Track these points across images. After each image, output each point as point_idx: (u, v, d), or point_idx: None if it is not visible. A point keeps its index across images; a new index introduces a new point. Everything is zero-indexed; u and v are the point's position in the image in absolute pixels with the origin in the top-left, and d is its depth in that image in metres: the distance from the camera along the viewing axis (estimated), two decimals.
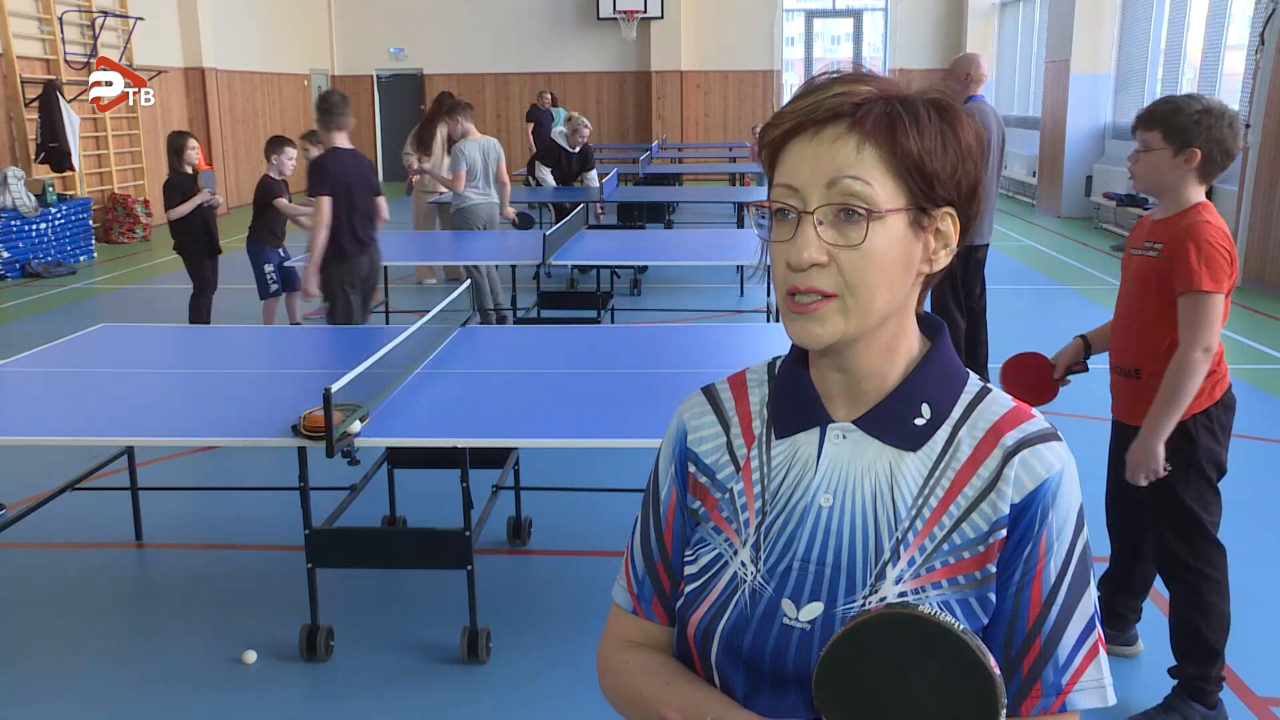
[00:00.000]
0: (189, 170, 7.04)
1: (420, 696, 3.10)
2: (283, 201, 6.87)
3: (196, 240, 7.13)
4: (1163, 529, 2.85)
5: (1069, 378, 3.02)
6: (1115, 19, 13.58)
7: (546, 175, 10.23)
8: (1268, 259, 8.93)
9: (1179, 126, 2.64)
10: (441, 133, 8.90)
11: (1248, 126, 9.33)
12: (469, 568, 3.20)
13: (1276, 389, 6.01)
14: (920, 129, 0.97)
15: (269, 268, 6.83)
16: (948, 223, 1.01)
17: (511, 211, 7.97)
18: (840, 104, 0.97)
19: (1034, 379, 3.00)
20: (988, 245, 5.79)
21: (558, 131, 10.40)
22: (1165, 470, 2.76)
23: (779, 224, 0.99)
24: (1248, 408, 5.76)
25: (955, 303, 5.65)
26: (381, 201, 5.54)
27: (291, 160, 6.94)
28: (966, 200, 1.01)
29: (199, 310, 7.24)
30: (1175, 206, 2.72)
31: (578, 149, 10.27)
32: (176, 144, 7.10)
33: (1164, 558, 2.87)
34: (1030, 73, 16.91)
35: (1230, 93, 10.81)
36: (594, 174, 10.40)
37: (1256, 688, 3.07)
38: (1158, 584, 3.07)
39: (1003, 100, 18.57)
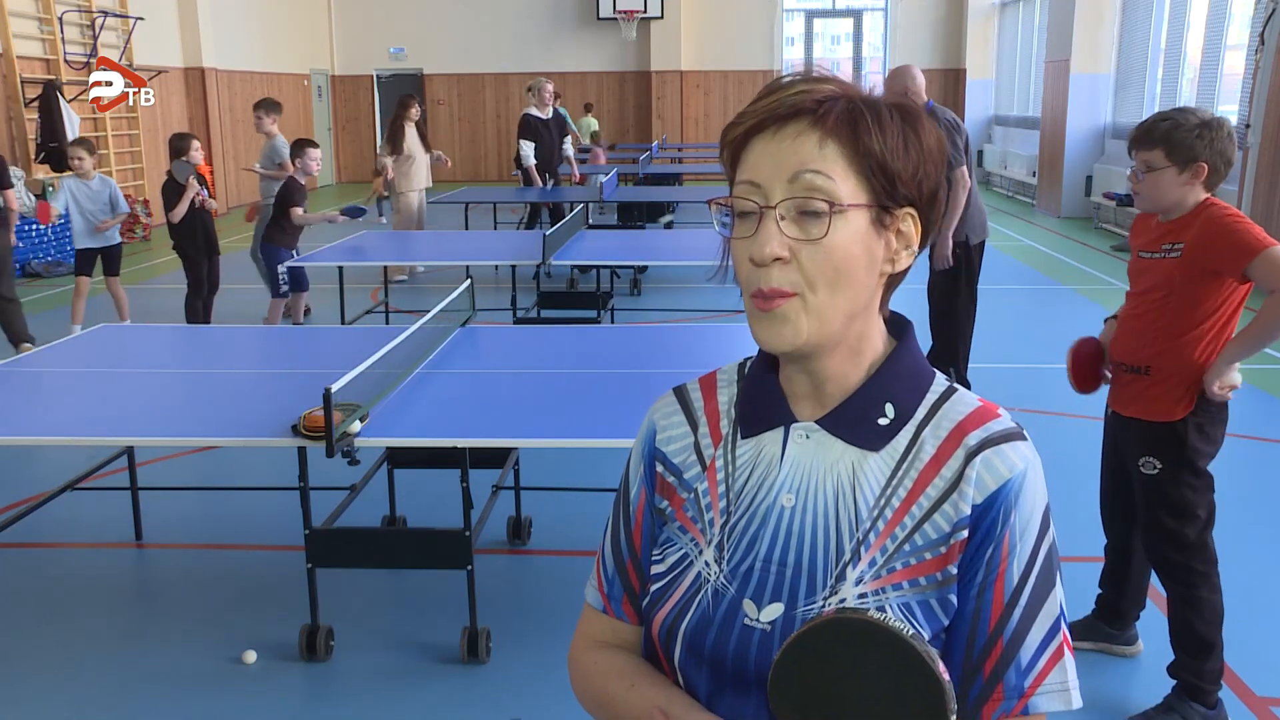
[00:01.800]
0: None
1: (420, 696, 3.10)
2: (298, 212, 6.90)
3: (195, 241, 7.14)
4: (1153, 525, 2.86)
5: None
6: (1115, 19, 13.58)
7: (529, 150, 10.28)
8: None
9: (1181, 143, 2.63)
10: (410, 130, 9.60)
11: (1248, 127, 9.33)
12: (469, 568, 3.20)
13: (1276, 389, 6.01)
14: (883, 128, 0.97)
15: (281, 268, 6.80)
16: (909, 223, 1.01)
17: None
18: (802, 101, 0.97)
19: (1090, 368, 3.02)
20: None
21: (531, 111, 10.54)
22: (1154, 468, 2.78)
23: (741, 222, 1.00)
24: (1248, 408, 5.77)
25: (970, 301, 5.60)
26: (9, 194, 6.74)
27: (316, 161, 7.00)
28: (928, 202, 1.01)
29: (194, 310, 7.25)
30: (1182, 210, 2.73)
31: (551, 113, 10.44)
32: (178, 145, 7.11)
33: (1155, 554, 2.89)
34: (1030, 73, 16.91)
35: (1230, 93, 10.81)
36: (568, 142, 10.83)
37: (1256, 688, 3.07)
38: (1157, 584, 3.07)
39: (1003, 100, 18.59)
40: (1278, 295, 2.62)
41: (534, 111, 10.25)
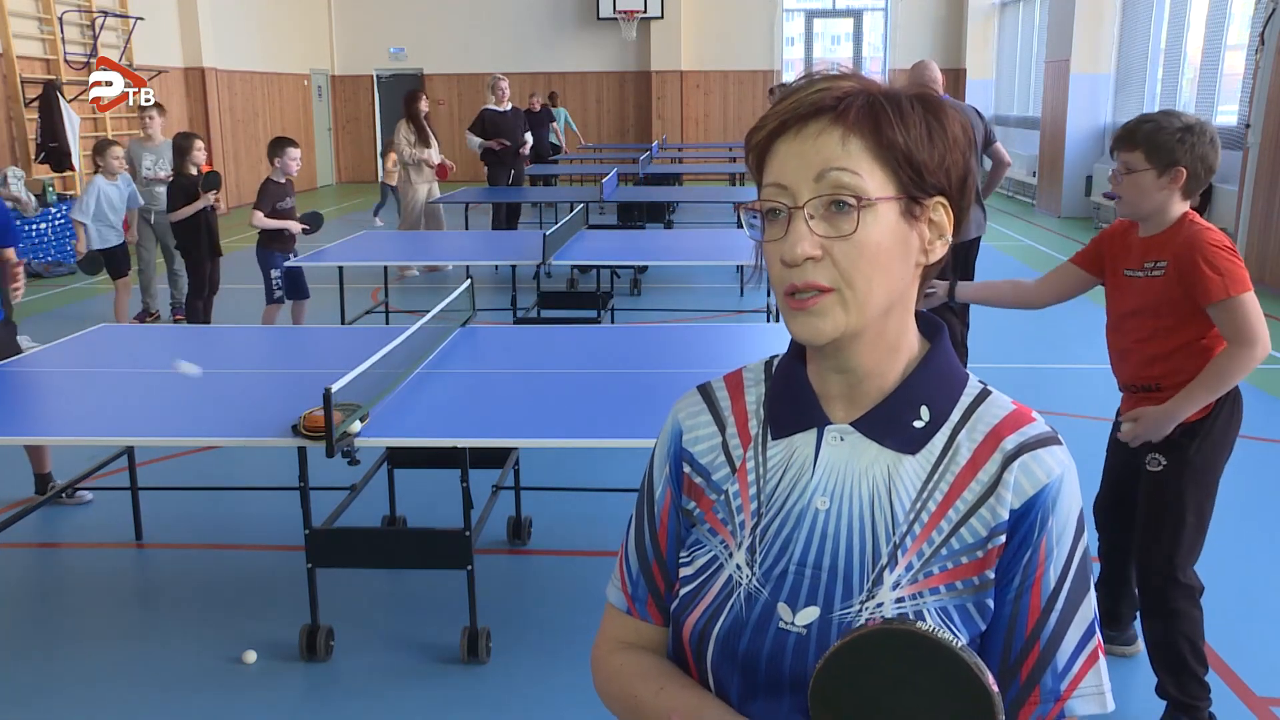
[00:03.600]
0: (194, 171, 7.04)
1: (420, 696, 3.10)
2: (259, 216, 6.66)
3: (199, 241, 7.12)
4: (1145, 528, 2.81)
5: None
6: (1115, 19, 13.58)
7: (473, 140, 10.62)
8: (1268, 259, 8.92)
9: (1162, 146, 2.57)
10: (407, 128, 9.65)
11: (1248, 127, 9.33)
12: (469, 568, 3.20)
13: (1276, 389, 6.01)
14: (905, 120, 0.97)
15: (275, 273, 6.68)
16: (940, 212, 1.00)
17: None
18: (822, 99, 0.97)
19: None
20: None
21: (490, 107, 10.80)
22: (1159, 465, 2.74)
23: (771, 224, 0.99)
24: (1248, 408, 5.74)
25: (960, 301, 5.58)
26: None
27: (295, 161, 6.79)
28: (958, 189, 1.01)
29: (195, 310, 7.23)
30: (1161, 224, 2.67)
31: (509, 106, 10.70)
32: (182, 145, 7.10)
33: (1138, 560, 2.85)
34: (1030, 73, 16.91)
35: (1230, 93, 10.81)
36: (528, 135, 11.10)
37: (1256, 688, 3.07)
38: None
39: (1003, 100, 18.59)
40: (1230, 351, 2.57)
41: (491, 106, 10.65)
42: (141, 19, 13.47)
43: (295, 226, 6.87)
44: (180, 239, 7.20)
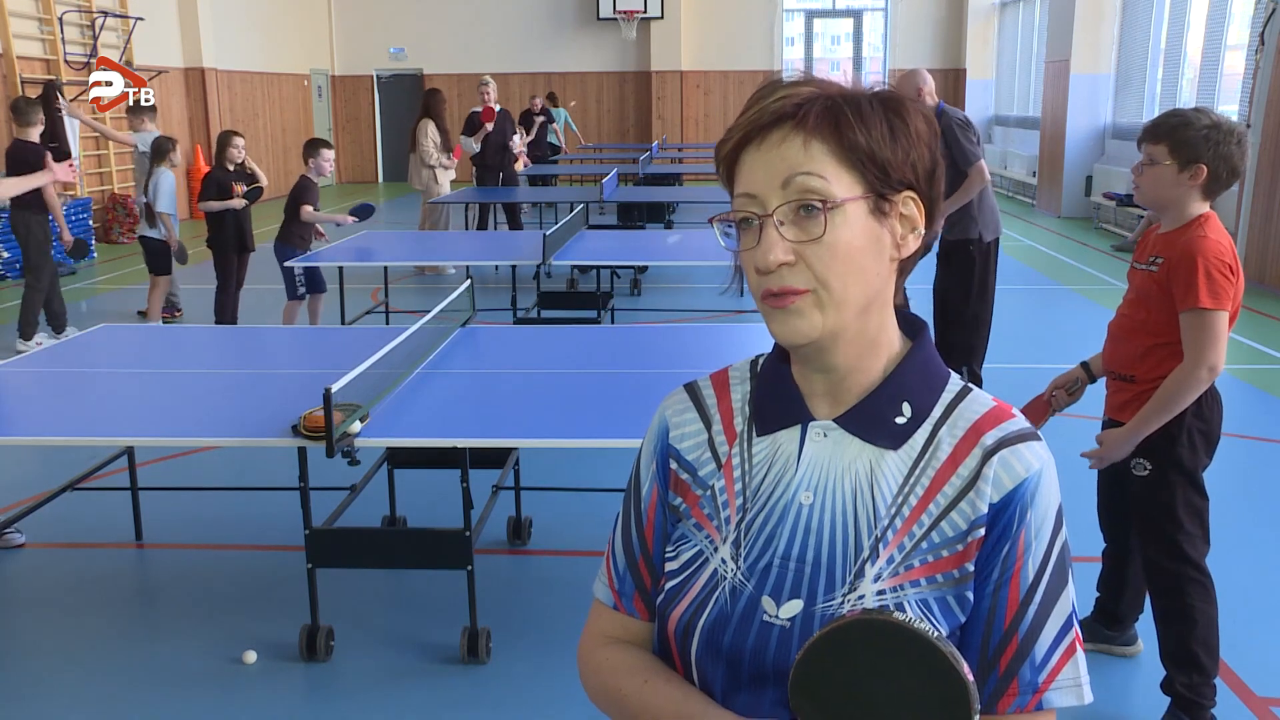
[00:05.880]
0: (229, 167, 7.08)
1: (420, 696, 3.10)
2: (308, 210, 6.81)
3: (227, 236, 7.13)
4: (1145, 529, 2.83)
5: (1057, 400, 2.94)
6: (1115, 19, 13.58)
7: (468, 142, 10.72)
8: (1268, 259, 8.92)
9: (1186, 141, 2.59)
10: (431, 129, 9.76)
11: (1248, 126, 9.33)
12: (469, 568, 3.20)
13: (1276, 389, 6.01)
14: (865, 119, 0.99)
15: (298, 272, 6.68)
16: (911, 206, 1.02)
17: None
18: (782, 107, 0.99)
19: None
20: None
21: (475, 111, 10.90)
22: (1144, 469, 2.76)
23: (744, 233, 1.01)
24: (1247, 408, 5.77)
25: (983, 299, 5.53)
26: (58, 167, 6.59)
27: (329, 162, 6.93)
28: (926, 182, 1.02)
29: (223, 307, 7.22)
30: (1178, 221, 2.68)
31: (496, 109, 10.80)
32: (222, 141, 7.26)
33: (1147, 559, 2.86)
34: (1030, 73, 16.91)
35: (1230, 93, 10.81)
36: (516, 138, 11.25)
37: (1256, 688, 3.07)
38: None
39: (1003, 100, 18.59)
40: (1181, 370, 2.60)
41: (477, 108, 10.83)
42: (141, 19, 13.47)
43: (346, 220, 7.13)
44: (210, 233, 7.23)
